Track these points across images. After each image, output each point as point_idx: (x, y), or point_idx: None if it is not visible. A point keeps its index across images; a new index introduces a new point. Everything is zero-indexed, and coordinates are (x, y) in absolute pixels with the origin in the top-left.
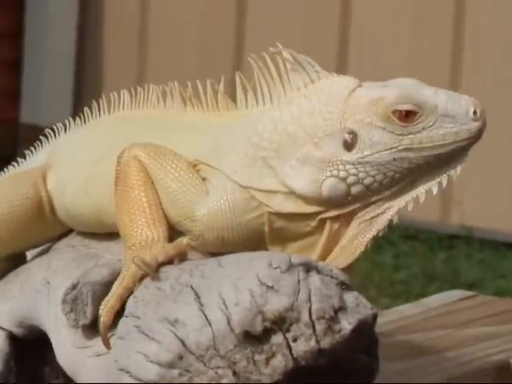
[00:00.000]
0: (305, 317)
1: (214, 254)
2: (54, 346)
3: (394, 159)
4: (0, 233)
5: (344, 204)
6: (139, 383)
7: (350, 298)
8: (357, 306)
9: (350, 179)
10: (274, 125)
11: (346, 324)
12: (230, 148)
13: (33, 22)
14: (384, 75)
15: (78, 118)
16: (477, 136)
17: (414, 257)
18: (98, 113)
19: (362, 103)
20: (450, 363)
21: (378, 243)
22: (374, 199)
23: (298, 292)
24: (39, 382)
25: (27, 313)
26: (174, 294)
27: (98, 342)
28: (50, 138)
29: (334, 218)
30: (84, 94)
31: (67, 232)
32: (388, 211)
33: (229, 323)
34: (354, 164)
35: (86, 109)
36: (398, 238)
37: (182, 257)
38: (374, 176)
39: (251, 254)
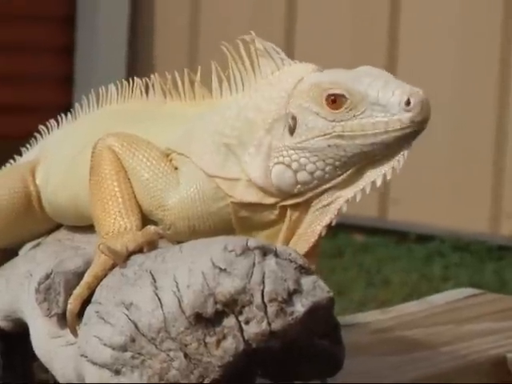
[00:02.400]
0: (257, 299)
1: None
2: (31, 336)
3: (329, 146)
4: None
5: (299, 193)
6: (95, 366)
7: (308, 281)
8: (313, 289)
9: (294, 165)
10: (238, 112)
11: (300, 306)
12: (200, 136)
13: (84, 8)
14: (434, 75)
15: (69, 114)
16: (412, 126)
17: (464, 268)
18: (87, 107)
19: (304, 88)
20: (444, 357)
21: (427, 254)
22: (324, 187)
23: (252, 274)
24: (28, 377)
25: (12, 306)
26: (134, 278)
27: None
28: (43, 134)
29: (293, 207)
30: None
31: (57, 227)
32: (338, 200)
33: (180, 305)
34: (294, 149)
35: (76, 104)
36: (448, 249)
37: (151, 244)
38: (314, 163)
39: (210, 239)
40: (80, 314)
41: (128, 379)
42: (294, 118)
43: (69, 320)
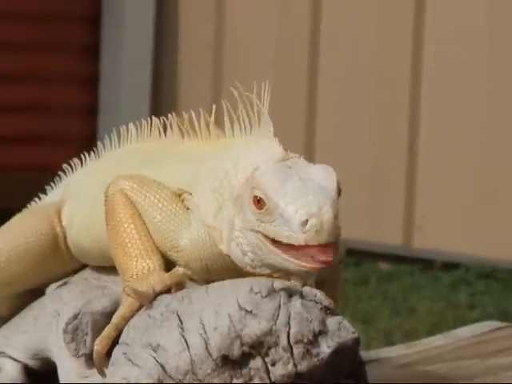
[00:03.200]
0: (283, 341)
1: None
2: (59, 376)
3: (256, 241)
4: (17, 268)
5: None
6: None
7: (333, 322)
8: (338, 330)
9: (241, 248)
10: (230, 167)
11: (325, 348)
12: (203, 180)
13: (108, 37)
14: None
15: (92, 153)
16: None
17: (490, 296)
18: (109, 146)
19: (253, 176)
20: None
21: (453, 282)
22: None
23: (278, 316)
24: None
25: (40, 345)
26: (161, 320)
27: None
28: (67, 173)
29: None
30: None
31: (83, 266)
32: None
33: (207, 348)
34: (241, 232)
35: (99, 143)
36: (474, 276)
37: (178, 286)
38: (251, 252)
39: (236, 280)
40: (108, 354)
41: None
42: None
43: (96, 361)
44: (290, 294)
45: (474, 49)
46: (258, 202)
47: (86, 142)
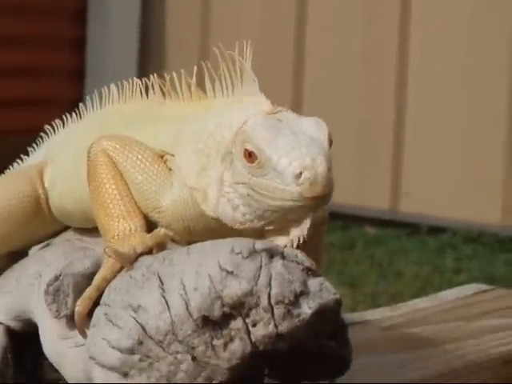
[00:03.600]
0: (264, 301)
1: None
2: (40, 337)
3: (248, 195)
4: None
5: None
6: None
7: (314, 283)
8: (319, 291)
9: (232, 203)
10: (213, 127)
11: (307, 308)
12: (185, 141)
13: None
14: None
15: (74, 114)
16: (302, 201)
17: (476, 260)
18: (91, 107)
19: (243, 131)
20: (453, 355)
21: (440, 247)
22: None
23: (258, 277)
24: (38, 376)
25: (22, 306)
26: (142, 281)
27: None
28: (49, 135)
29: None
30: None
31: (66, 228)
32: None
33: (187, 308)
34: (231, 187)
35: (81, 104)
36: (460, 241)
37: (160, 247)
38: (243, 205)
39: (218, 241)
40: (89, 315)
41: (136, 382)
42: (233, 158)
43: (77, 322)
44: (272, 254)
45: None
46: (250, 156)
47: (73, 105)
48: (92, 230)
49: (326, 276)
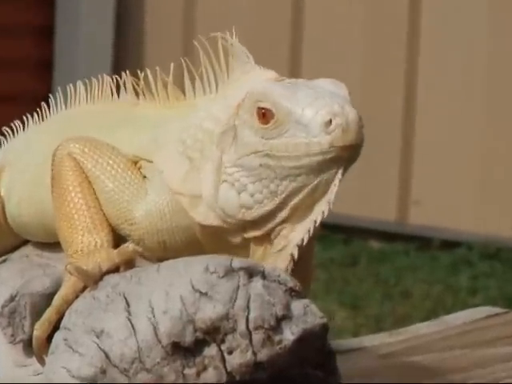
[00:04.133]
0: (241, 326)
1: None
2: None
3: (260, 165)
4: None
5: (251, 223)
6: None
7: (298, 306)
8: (304, 315)
9: (237, 185)
10: (200, 121)
11: (289, 334)
12: (165, 143)
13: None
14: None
15: (35, 114)
16: (333, 151)
17: (494, 278)
18: (55, 108)
19: (249, 98)
20: None
21: (453, 263)
22: (274, 222)
23: (235, 299)
24: None
25: None
26: (106, 302)
27: None
28: (7, 137)
29: (254, 240)
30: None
31: (25, 242)
32: (290, 245)
33: (156, 333)
34: (236, 166)
35: (43, 104)
36: (476, 257)
37: (128, 264)
38: (253, 183)
39: (190, 258)
40: (48, 340)
41: None
42: (236, 131)
43: (35, 347)
44: (251, 273)
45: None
46: (264, 116)
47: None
48: (53, 245)
49: (324, 296)
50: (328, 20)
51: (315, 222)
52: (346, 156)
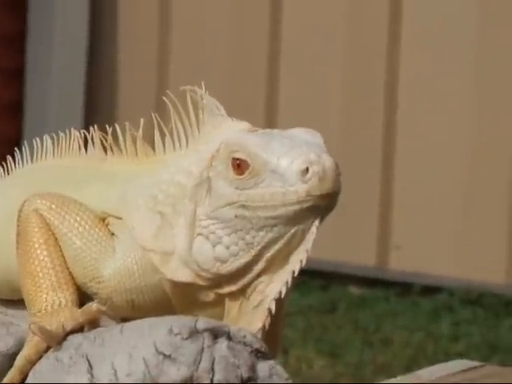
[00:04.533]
0: None
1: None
2: None
3: (236, 216)
4: None
5: (224, 277)
6: None
7: (264, 367)
8: (269, 377)
9: (212, 238)
10: (171, 175)
11: None
12: (135, 200)
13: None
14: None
15: (0, 167)
16: (310, 200)
17: (476, 325)
18: (20, 162)
19: (223, 149)
20: None
21: (435, 309)
22: (250, 276)
23: (200, 361)
24: None
25: None
26: (69, 364)
27: None
28: None
29: (230, 297)
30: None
31: None
32: (266, 299)
33: None
34: (210, 219)
35: (8, 157)
36: (458, 303)
37: (92, 324)
38: (228, 235)
39: (154, 319)
40: None
41: None
42: (211, 183)
43: None
44: (216, 334)
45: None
46: (238, 167)
47: (10, 146)
48: (18, 303)
49: (302, 344)
50: (304, 70)
51: (293, 272)
52: (323, 204)
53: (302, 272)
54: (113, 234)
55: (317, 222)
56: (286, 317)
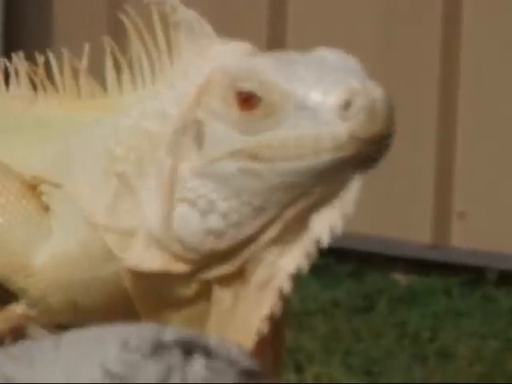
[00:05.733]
0: None
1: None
2: None
3: (240, 171)
4: None
5: (217, 254)
6: None
7: None
8: None
9: (201, 203)
10: (134, 121)
11: None
12: (82, 158)
13: None
14: None
15: None
16: (353, 145)
17: None
18: None
19: (218, 81)
20: None
21: None
22: (253, 249)
23: None
24: None
25: None
26: None
27: None
28: None
29: (220, 282)
30: None
31: None
32: (278, 275)
33: None
34: (200, 177)
35: None
36: None
37: (15, 333)
38: (226, 199)
39: (105, 328)
40: None
41: None
42: (201, 126)
43: None
44: (189, 349)
45: None
46: (246, 102)
47: None
48: None
49: (325, 357)
50: None
51: (318, 242)
52: (371, 152)
53: (326, 251)
54: (48, 208)
55: (359, 178)
56: (302, 317)
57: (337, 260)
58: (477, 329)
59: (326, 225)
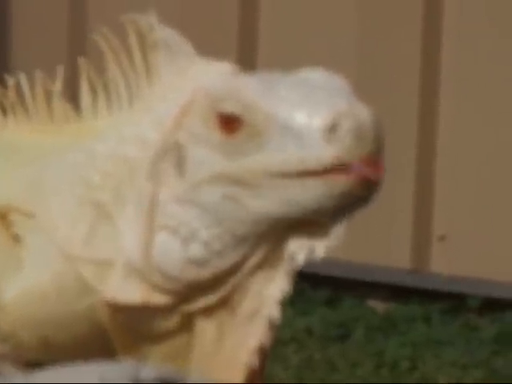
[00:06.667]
0: None
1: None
2: None
3: (223, 197)
4: None
5: (201, 285)
6: None
7: None
8: None
9: (183, 231)
10: (113, 148)
11: None
12: (56, 186)
13: None
14: None
15: None
16: (340, 169)
17: None
18: None
19: (200, 103)
20: None
21: (500, 335)
22: (237, 277)
23: None
24: None
25: None
26: None
27: None
28: None
29: (203, 314)
30: None
31: None
32: (266, 304)
33: None
34: (181, 203)
35: None
36: None
37: None
38: (208, 227)
39: (77, 366)
40: None
41: None
42: (182, 151)
43: None
44: None
45: None
46: (227, 124)
47: None
48: None
49: None
50: None
51: (296, 264)
52: (363, 175)
53: (300, 276)
54: (18, 238)
55: (346, 214)
56: (274, 346)
57: (311, 286)
58: (458, 358)
59: (304, 246)
